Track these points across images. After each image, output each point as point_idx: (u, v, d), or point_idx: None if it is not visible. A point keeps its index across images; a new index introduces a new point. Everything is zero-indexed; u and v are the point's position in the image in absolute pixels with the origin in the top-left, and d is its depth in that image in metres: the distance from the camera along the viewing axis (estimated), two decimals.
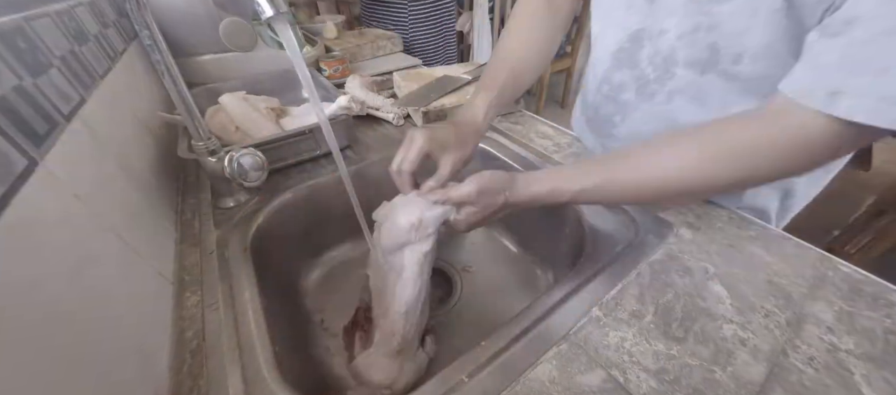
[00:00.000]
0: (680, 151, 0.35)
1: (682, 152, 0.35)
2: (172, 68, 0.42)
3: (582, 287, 0.39)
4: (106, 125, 0.44)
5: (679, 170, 0.35)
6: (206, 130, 0.48)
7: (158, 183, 0.52)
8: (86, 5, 0.54)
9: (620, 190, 0.38)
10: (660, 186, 0.36)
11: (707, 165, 0.33)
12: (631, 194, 0.38)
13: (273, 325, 0.37)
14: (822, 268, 0.39)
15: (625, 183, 0.37)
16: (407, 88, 0.76)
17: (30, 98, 0.31)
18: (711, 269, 0.40)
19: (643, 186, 0.36)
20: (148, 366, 0.32)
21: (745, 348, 0.32)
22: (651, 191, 0.36)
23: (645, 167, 0.36)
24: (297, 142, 0.60)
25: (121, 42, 0.65)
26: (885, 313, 0.34)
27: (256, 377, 0.32)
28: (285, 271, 0.57)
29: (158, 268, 0.40)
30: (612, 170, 0.38)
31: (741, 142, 0.32)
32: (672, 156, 0.35)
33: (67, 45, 0.43)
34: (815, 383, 0.30)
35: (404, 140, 0.43)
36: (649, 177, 0.36)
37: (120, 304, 0.31)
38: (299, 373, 0.42)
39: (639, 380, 0.31)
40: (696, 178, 0.34)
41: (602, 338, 0.34)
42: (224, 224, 0.50)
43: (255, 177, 0.49)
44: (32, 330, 0.22)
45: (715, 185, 0.34)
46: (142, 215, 0.42)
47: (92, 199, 0.33)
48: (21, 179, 0.26)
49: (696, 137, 0.34)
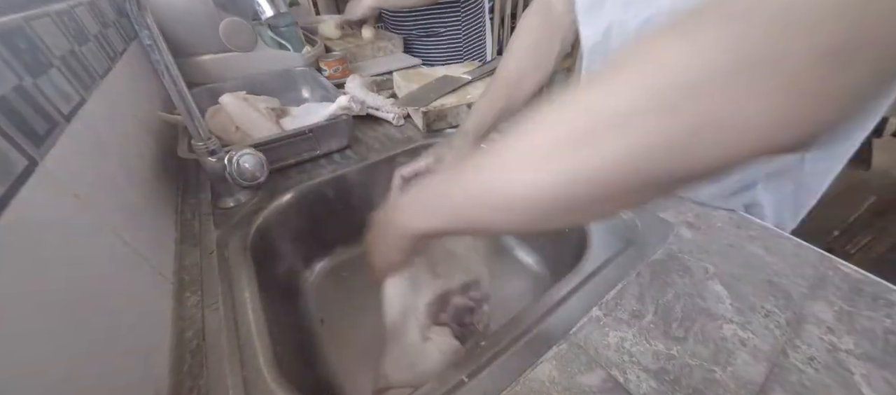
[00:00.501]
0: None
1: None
2: (172, 68, 0.42)
3: (582, 287, 0.39)
4: (106, 125, 0.44)
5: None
6: (206, 130, 0.48)
7: (158, 183, 0.52)
8: (86, 5, 0.54)
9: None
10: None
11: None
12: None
13: (273, 325, 0.37)
14: (822, 268, 0.39)
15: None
16: (407, 88, 0.76)
17: (30, 98, 0.31)
18: (711, 269, 0.40)
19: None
20: (148, 366, 0.32)
21: (745, 348, 0.32)
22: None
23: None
24: (297, 142, 0.60)
25: (121, 42, 0.65)
26: (885, 314, 0.34)
27: (256, 377, 0.32)
28: (285, 272, 0.57)
29: (158, 268, 0.40)
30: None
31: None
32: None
33: (67, 45, 0.43)
34: (815, 383, 0.30)
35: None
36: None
37: (120, 304, 0.31)
38: (299, 373, 0.42)
39: (639, 380, 0.31)
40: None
41: (602, 338, 0.34)
42: (224, 224, 0.50)
43: (255, 177, 0.49)
44: (32, 330, 0.22)
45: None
46: (142, 215, 0.42)
47: (92, 199, 0.33)
48: (21, 179, 0.26)
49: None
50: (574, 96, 0.20)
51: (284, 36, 0.95)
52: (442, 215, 0.27)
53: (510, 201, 0.22)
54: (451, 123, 0.70)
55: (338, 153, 0.65)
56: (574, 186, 0.19)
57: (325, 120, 0.61)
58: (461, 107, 0.69)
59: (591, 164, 0.18)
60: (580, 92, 0.20)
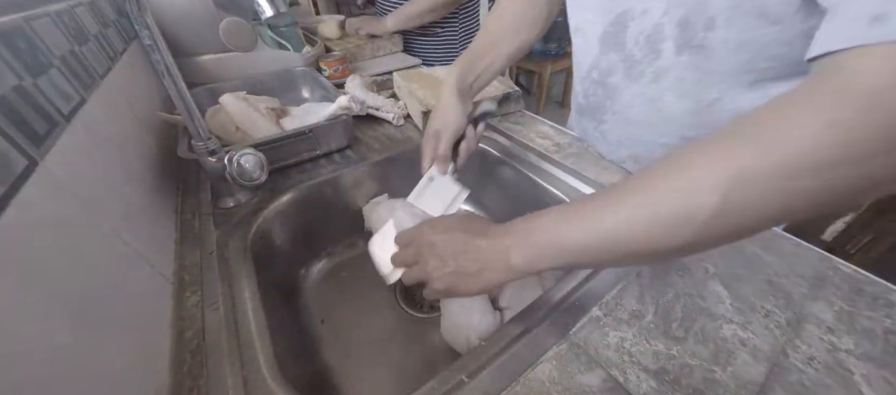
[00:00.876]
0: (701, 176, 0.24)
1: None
2: (172, 68, 0.42)
3: (582, 287, 0.39)
4: (106, 125, 0.44)
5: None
6: (206, 130, 0.48)
7: (158, 183, 0.52)
8: (86, 5, 0.54)
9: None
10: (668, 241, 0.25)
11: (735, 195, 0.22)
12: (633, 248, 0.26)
13: (273, 325, 0.37)
14: (822, 268, 0.39)
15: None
16: (407, 88, 0.76)
17: (30, 98, 0.31)
18: (711, 268, 0.40)
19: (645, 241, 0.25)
20: (148, 366, 0.32)
21: (745, 348, 0.32)
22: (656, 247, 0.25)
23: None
24: (296, 142, 0.60)
25: (121, 42, 0.65)
26: (885, 314, 0.34)
27: (256, 377, 0.32)
28: (285, 272, 0.57)
29: (158, 268, 0.40)
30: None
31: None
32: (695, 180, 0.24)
33: (67, 45, 0.43)
34: (815, 383, 0.30)
35: (423, 146, 0.51)
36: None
37: (120, 304, 0.31)
38: (299, 373, 0.42)
39: (639, 380, 0.31)
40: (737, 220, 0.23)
41: (602, 338, 0.34)
42: (224, 224, 0.50)
43: (255, 177, 0.49)
44: (32, 331, 0.22)
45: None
46: (142, 215, 0.42)
47: (92, 199, 0.33)
48: (21, 179, 0.26)
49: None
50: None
51: (284, 36, 0.95)
52: (562, 258, 0.30)
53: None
54: None
55: (338, 153, 0.65)
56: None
57: (325, 120, 0.61)
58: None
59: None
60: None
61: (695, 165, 0.24)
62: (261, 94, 0.77)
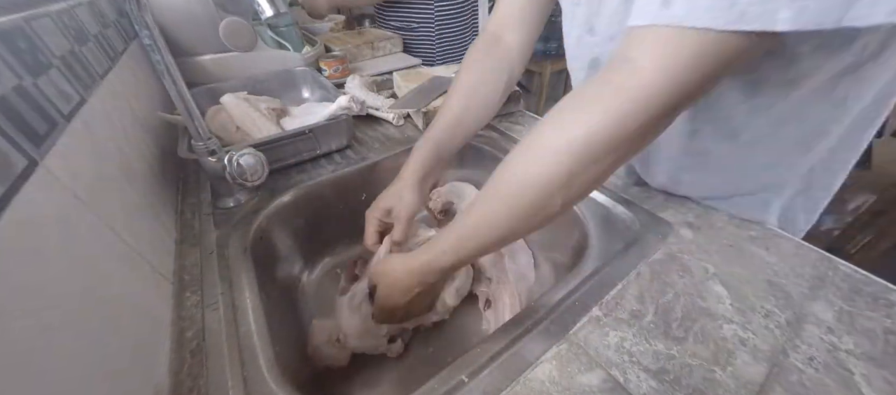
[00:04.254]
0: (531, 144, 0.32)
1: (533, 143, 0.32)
2: (172, 68, 0.42)
3: (582, 287, 0.39)
4: (106, 125, 0.44)
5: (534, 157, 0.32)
6: (206, 130, 0.48)
7: (158, 183, 0.52)
8: (86, 5, 0.54)
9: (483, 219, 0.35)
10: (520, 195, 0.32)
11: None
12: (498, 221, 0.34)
13: (273, 325, 0.38)
14: (822, 268, 0.39)
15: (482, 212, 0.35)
16: (407, 88, 0.76)
17: (30, 98, 0.31)
18: (711, 269, 0.40)
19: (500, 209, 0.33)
20: (148, 366, 0.32)
21: (745, 348, 0.32)
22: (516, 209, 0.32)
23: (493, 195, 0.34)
24: (296, 142, 0.60)
25: (121, 42, 0.65)
26: (885, 314, 0.34)
27: (256, 377, 0.32)
28: (285, 272, 0.57)
29: (158, 268, 0.40)
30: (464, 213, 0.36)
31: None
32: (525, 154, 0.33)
33: (67, 45, 0.43)
34: (815, 383, 0.30)
35: (368, 220, 0.50)
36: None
37: (120, 304, 0.31)
38: (299, 373, 0.42)
39: (639, 380, 0.31)
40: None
41: (602, 338, 0.34)
42: (224, 224, 0.50)
43: (255, 177, 0.49)
44: (32, 330, 0.22)
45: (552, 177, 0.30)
46: (142, 215, 0.42)
47: (92, 199, 0.33)
48: (21, 179, 0.26)
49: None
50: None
51: (284, 36, 0.95)
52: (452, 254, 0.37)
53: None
54: None
55: (338, 153, 0.65)
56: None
57: (325, 120, 0.61)
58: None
59: None
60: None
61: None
62: (261, 94, 0.77)
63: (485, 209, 0.34)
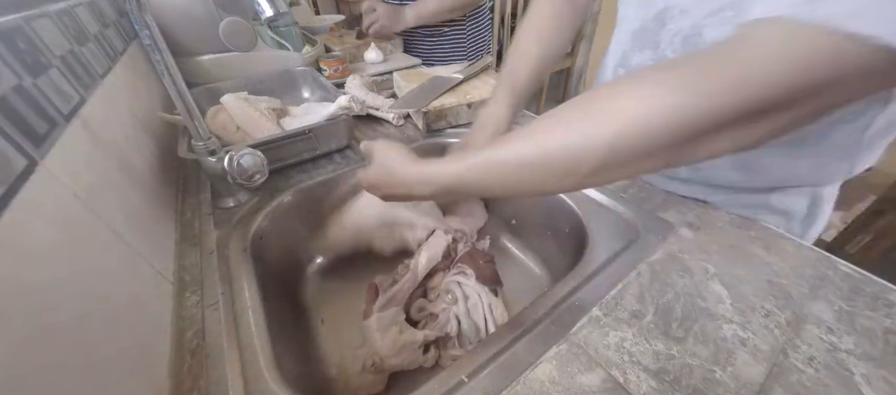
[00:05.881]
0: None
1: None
2: (172, 68, 0.42)
3: (582, 287, 0.39)
4: (106, 125, 0.44)
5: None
6: (206, 130, 0.48)
7: (158, 183, 0.52)
8: (86, 5, 0.54)
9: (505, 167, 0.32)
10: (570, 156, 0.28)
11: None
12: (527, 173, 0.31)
13: (273, 325, 0.37)
14: (822, 268, 0.39)
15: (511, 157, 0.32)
16: (407, 88, 0.76)
17: (30, 98, 0.31)
18: (711, 269, 0.40)
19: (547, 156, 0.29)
20: (148, 366, 0.32)
21: (745, 348, 0.32)
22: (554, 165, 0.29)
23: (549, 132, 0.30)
24: (296, 142, 0.60)
25: (121, 42, 0.65)
26: (885, 313, 0.34)
27: (256, 377, 0.32)
28: (285, 272, 0.57)
29: (158, 268, 0.40)
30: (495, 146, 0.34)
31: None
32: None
33: (67, 45, 0.43)
34: (815, 383, 0.30)
35: None
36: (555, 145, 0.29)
37: (120, 304, 0.31)
38: (299, 373, 0.42)
39: (639, 380, 0.31)
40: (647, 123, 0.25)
41: (602, 338, 0.34)
42: (224, 224, 0.50)
43: (255, 177, 0.49)
44: (32, 330, 0.22)
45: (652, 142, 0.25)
46: (142, 215, 0.42)
47: (92, 199, 0.33)
48: (21, 179, 0.26)
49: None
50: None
51: (284, 36, 0.95)
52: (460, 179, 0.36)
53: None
54: (451, 122, 0.70)
55: (338, 153, 0.65)
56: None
57: (325, 120, 0.61)
58: (461, 107, 0.69)
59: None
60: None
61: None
62: (261, 94, 0.77)
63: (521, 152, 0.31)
